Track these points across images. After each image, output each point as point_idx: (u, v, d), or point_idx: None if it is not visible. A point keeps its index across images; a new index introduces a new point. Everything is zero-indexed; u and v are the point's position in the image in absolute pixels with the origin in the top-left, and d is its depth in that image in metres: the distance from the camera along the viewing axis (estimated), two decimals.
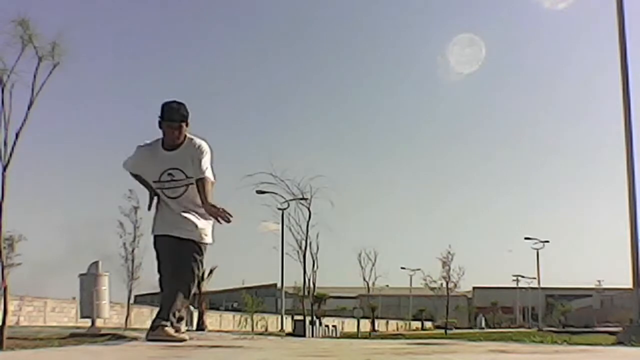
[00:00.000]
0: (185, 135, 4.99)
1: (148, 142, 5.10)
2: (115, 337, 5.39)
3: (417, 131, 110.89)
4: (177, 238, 4.99)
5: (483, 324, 66.98)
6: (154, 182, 5.07)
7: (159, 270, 5.15)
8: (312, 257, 29.29)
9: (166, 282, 5.03)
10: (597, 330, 30.37)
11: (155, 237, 5.12)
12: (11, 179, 4.89)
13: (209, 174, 5.00)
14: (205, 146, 5.04)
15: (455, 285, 44.81)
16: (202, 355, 3.85)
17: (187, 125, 4.97)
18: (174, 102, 4.99)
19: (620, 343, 7.59)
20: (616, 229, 17.57)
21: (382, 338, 18.95)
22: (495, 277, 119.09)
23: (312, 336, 26.55)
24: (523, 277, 73.70)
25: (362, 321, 46.91)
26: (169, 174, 5.01)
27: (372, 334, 37.59)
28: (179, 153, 4.99)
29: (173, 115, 4.91)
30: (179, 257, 4.96)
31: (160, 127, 4.97)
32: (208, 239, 5.12)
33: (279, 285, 39.51)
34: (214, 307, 49.36)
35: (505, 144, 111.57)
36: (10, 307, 5.11)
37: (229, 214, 4.74)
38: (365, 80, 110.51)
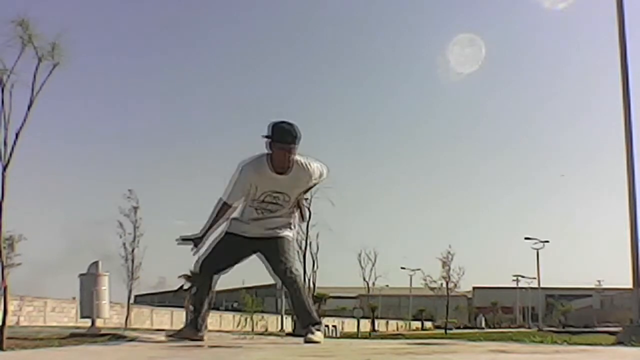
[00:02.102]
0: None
1: (251, 159, 4.78)
2: (115, 337, 5.39)
3: (417, 131, 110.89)
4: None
5: (483, 324, 66.93)
6: (252, 199, 4.82)
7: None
8: (312, 257, 29.38)
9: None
10: (597, 330, 30.33)
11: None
12: (11, 179, 4.89)
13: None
14: (322, 171, 4.92)
15: (455, 285, 44.82)
16: (202, 355, 3.85)
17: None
18: (286, 122, 4.70)
19: (620, 343, 7.58)
20: (616, 229, 17.56)
21: (382, 338, 18.93)
22: (495, 277, 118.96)
23: None
24: (523, 277, 73.65)
25: (362, 321, 46.87)
26: (274, 197, 4.80)
27: (372, 334, 37.54)
28: (290, 177, 4.74)
29: (287, 138, 4.63)
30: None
31: (270, 147, 4.68)
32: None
33: (279, 285, 39.44)
34: (214, 307, 49.03)
35: (505, 144, 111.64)
36: (10, 307, 5.11)
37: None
38: (365, 81, 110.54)
